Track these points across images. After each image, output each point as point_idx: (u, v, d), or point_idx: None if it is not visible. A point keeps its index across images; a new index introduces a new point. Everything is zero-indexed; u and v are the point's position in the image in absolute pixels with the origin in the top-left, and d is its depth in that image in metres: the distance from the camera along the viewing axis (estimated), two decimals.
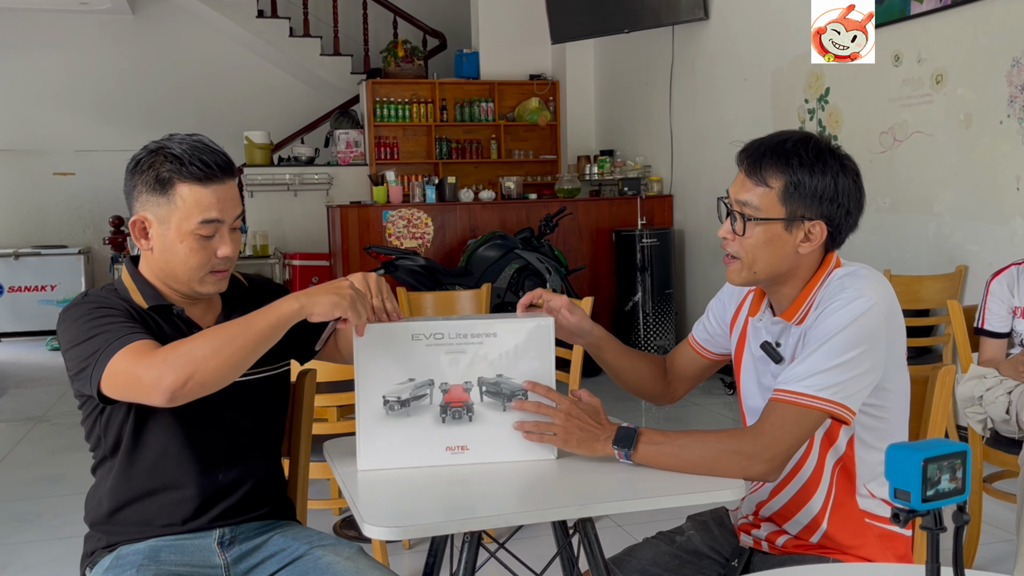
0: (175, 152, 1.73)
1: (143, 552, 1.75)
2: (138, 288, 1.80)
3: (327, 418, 2.93)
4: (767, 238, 1.67)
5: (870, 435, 1.71)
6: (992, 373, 3.03)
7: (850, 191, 1.67)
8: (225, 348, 1.58)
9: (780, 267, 1.70)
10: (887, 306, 1.66)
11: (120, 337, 1.62)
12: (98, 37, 9.93)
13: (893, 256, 5.22)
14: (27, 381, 7.17)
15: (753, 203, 1.67)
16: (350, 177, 8.61)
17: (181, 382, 1.54)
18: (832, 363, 1.60)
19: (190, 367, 1.55)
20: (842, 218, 1.68)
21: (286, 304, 1.62)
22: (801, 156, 1.65)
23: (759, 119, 6.31)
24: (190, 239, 1.73)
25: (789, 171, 1.65)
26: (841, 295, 1.65)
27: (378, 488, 1.65)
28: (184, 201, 1.72)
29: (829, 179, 1.65)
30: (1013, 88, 4.45)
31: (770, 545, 1.83)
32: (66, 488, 4.33)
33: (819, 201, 1.65)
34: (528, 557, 2.18)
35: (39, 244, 9.61)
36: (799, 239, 1.68)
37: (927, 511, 1.03)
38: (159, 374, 1.55)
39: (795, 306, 1.72)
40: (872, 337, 1.62)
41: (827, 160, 1.66)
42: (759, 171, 1.67)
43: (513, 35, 8.91)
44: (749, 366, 1.87)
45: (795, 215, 1.66)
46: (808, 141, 1.67)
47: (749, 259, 1.70)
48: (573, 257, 7.26)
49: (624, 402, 5.91)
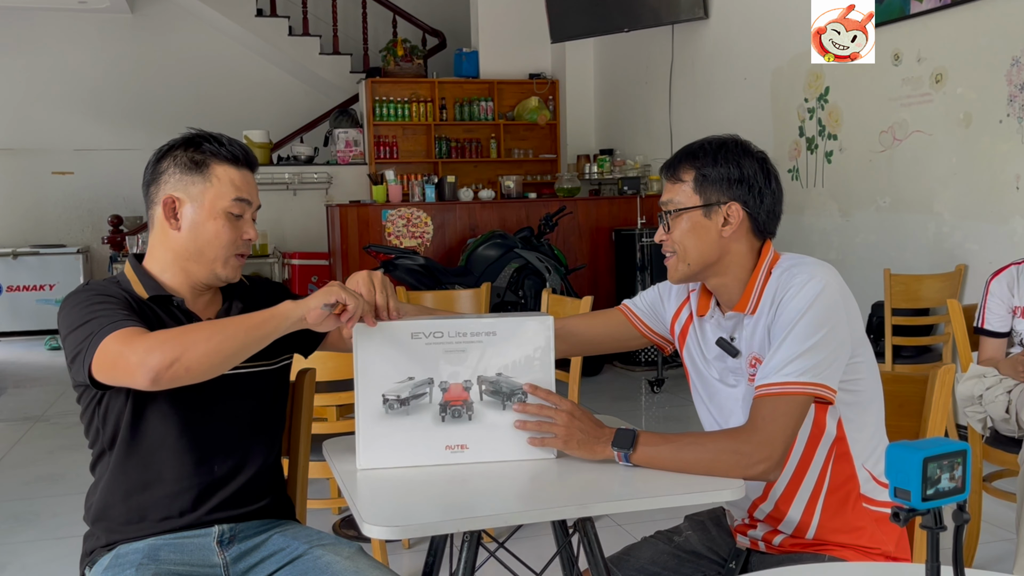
0: (212, 136, 1.84)
1: (142, 551, 1.75)
2: (140, 280, 1.83)
3: (326, 417, 2.93)
4: (690, 226, 1.80)
5: (851, 411, 1.75)
6: (992, 372, 3.03)
7: (756, 172, 1.80)
8: (216, 337, 1.61)
9: (710, 254, 1.79)
10: (838, 284, 1.73)
11: (114, 321, 1.65)
12: (97, 36, 9.92)
13: (893, 255, 5.22)
14: (26, 380, 7.17)
15: (675, 200, 1.82)
16: (349, 176, 8.61)
17: (167, 363, 1.57)
18: (804, 347, 1.65)
19: (178, 349, 1.58)
20: (755, 199, 1.79)
21: (286, 308, 1.67)
22: (706, 149, 1.82)
23: (759, 118, 6.31)
24: (222, 217, 1.80)
25: (697, 164, 1.81)
26: (793, 282, 1.72)
27: (377, 487, 1.65)
28: (220, 180, 1.81)
29: (733, 164, 1.79)
30: (1012, 87, 4.45)
31: (767, 545, 1.84)
32: (65, 488, 4.33)
33: (728, 184, 1.78)
34: (528, 556, 2.18)
35: (37, 243, 9.61)
36: (720, 223, 1.79)
37: (927, 510, 1.03)
38: (145, 354, 1.57)
39: (745, 296, 1.78)
40: (833, 314, 1.69)
41: (730, 148, 1.81)
42: (675, 172, 1.83)
43: (512, 34, 8.91)
44: (699, 370, 1.89)
45: (710, 201, 1.79)
46: (713, 138, 1.84)
47: (682, 251, 1.81)
48: (573, 256, 7.26)
49: (622, 402, 5.91)
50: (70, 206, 9.98)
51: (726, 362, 1.82)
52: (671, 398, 6.00)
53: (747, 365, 1.77)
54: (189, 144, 1.83)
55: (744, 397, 1.77)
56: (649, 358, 6.84)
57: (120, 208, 9.59)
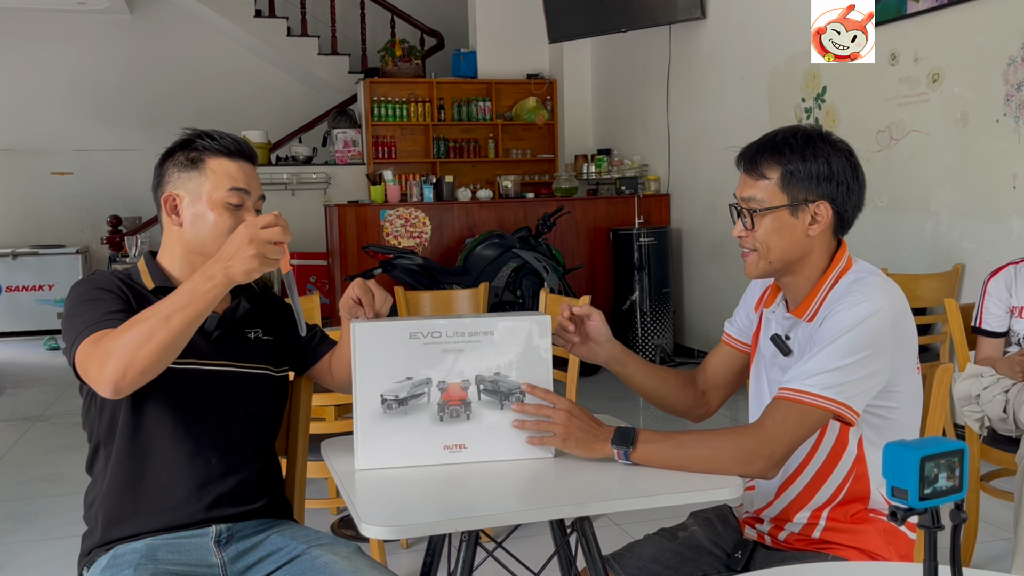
0: (205, 133, 1.88)
1: (140, 551, 1.75)
2: (149, 272, 1.88)
3: (325, 417, 2.93)
4: (776, 226, 1.74)
5: (880, 436, 1.72)
6: (989, 372, 3.04)
7: (844, 168, 1.74)
8: (158, 334, 1.59)
9: (793, 252, 1.75)
10: (895, 312, 1.68)
11: (93, 323, 1.68)
12: (96, 37, 9.91)
13: (890, 255, 5.23)
14: (25, 381, 7.17)
15: (757, 197, 1.75)
16: (348, 176, 8.61)
17: (120, 374, 1.59)
18: (837, 364, 1.63)
19: (126, 357, 1.59)
20: (844, 196, 1.74)
21: (205, 270, 1.63)
22: (791, 144, 1.73)
23: (756, 118, 6.31)
24: (220, 208, 1.83)
25: (783, 160, 1.73)
26: (848, 297, 1.68)
27: (376, 487, 1.65)
28: (214, 173, 1.85)
29: (822, 161, 1.72)
30: (1009, 86, 4.45)
31: (772, 539, 1.84)
32: (63, 488, 4.32)
33: (817, 182, 1.72)
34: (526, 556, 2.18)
35: (37, 244, 9.60)
36: (807, 222, 1.74)
37: (924, 509, 1.03)
38: (100, 368, 1.60)
39: (807, 302, 1.76)
40: (877, 341, 1.64)
41: (816, 144, 1.73)
42: (756, 167, 1.75)
43: (510, 34, 8.90)
44: (758, 358, 1.89)
45: (798, 199, 1.73)
46: (797, 131, 1.76)
47: (764, 249, 1.75)
48: (571, 256, 7.26)
49: (622, 401, 5.91)
50: (69, 206, 9.97)
51: (778, 358, 1.82)
52: None
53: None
54: (185, 144, 1.88)
55: None
56: (647, 358, 6.83)
57: (119, 208, 9.58)
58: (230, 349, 1.87)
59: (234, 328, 1.89)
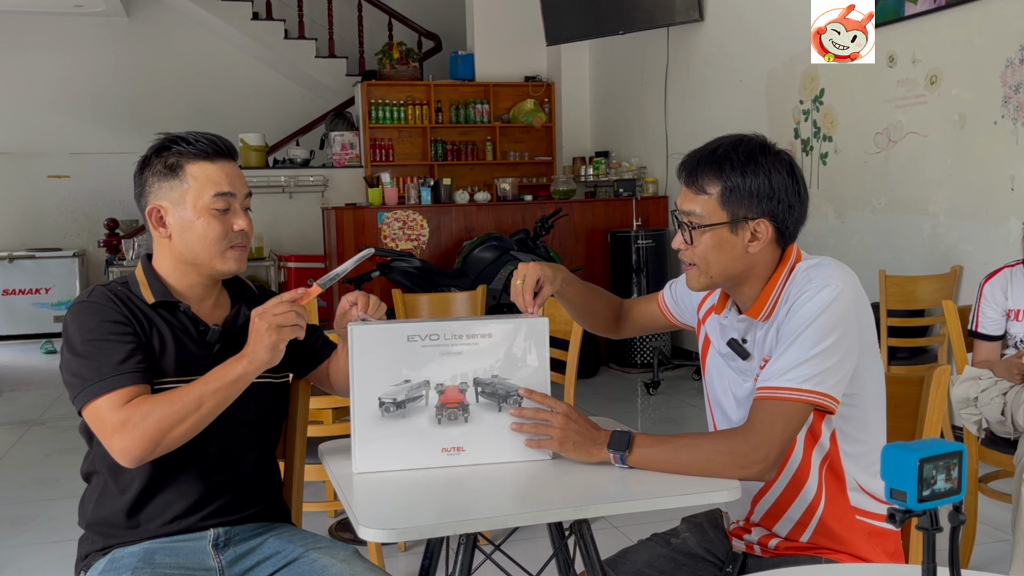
0: (179, 138, 1.81)
1: (137, 555, 1.74)
2: (148, 283, 1.83)
3: (322, 420, 2.93)
4: (716, 243, 1.71)
5: (850, 426, 1.72)
6: (987, 374, 3.04)
7: (786, 185, 1.71)
8: (190, 417, 1.66)
9: (734, 268, 1.73)
10: (854, 292, 1.68)
11: (103, 378, 1.67)
12: (93, 40, 9.91)
13: (888, 256, 5.23)
14: (22, 384, 7.16)
15: (697, 211, 1.72)
16: (345, 179, 8.61)
17: (147, 450, 1.65)
18: (810, 354, 1.63)
19: (155, 436, 1.64)
20: (784, 212, 1.71)
21: (234, 369, 1.69)
22: (732, 160, 1.70)
23: (754, 120, 6.31)
24: (206, 215, 1.79)
25: (723, 176, 1.70)
26: (809, 286, 1.68)
27: (373, 490, 1.65)
28: (196, 179, 1.79)
29: (763, 177, 1.69)
30: (1007, 88, 4.46)
31: (763, 548, 1.83)
32: (60, 491, 4.32)
33: (757, 200, 1.69)
34: (524, 559, 2.18)
35: (34, 247, 9.60)
36: (746, 239, 1.71)
37: (923, 511, 1.03)
38: (122, 438, 1.64)
39: (759, 303, 1.75)
40: (844, 322, 1.65)
41: (758, 159, 1.70)
42: (697, 180, 1.72)
43: (508, 37, 8.91)
44: (715, 362, 1.88)
45: (737, 217, 1.70)
46: (739, 144, 1.72)
47: (704, 264, 1.73)
48: (569, 258, 7.26)
49: (619, 403, 5.91)
50: (66, 210, 9.97)
51: (736, 362, 1.81)
52: (667, 400, 6.00)
53: (758, 367, 1.75)
54: (161, 150, 1.82)
55: (750, 395, 1.75)
56: (645, 360, 6.84)
57: (116, 212, 9.58)
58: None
59: (235, 338, 1.85)
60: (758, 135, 1.76)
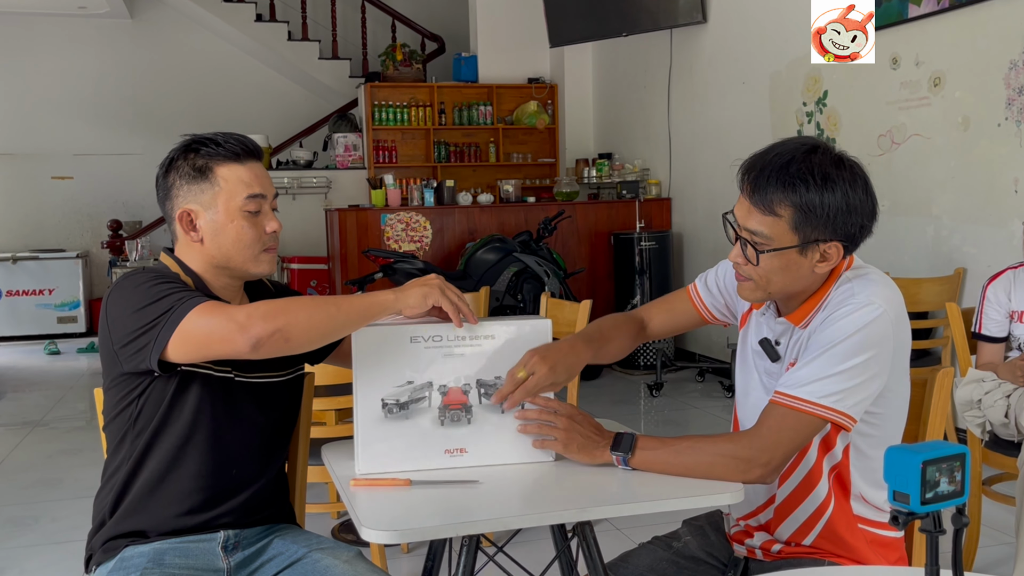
0: (207, 139, 1.78)
1: (147, 555, 1.74)
2: (184, 272, 1.80)
3: (325, 422, 2.93)
4: (782, 265, 1.63)
5: (865, 442, 1.70)
6: (990, 377, 3.03)
7: (862, 203, 1.61)
8: (317, 314, 1.63)
9: (796, 286, 1.68)
10: (895, 313, 1.63)
11: (193, 297, 1.64)
12: (96, 41, 9.92)
13: (891, 258, 5.22)
14: (25, 385, 7.16)
15: (764, 233, 1.61)
16: (348, 180, 8.61)
17: (269, 332, 1.58)
18: (834, 370, 1.59)
19: (281, 320, 1.60)
20: (856, 232, 1.63)
21: (382, 295, 1.68)
22: (808, 181, 1.57)
23: (757, 122, 6.31)
24: (239, 217, 1.77)
25: (797, 198, 1.58)
26: (851, 301, 1.62)
27: (376, 491, 1.65)
28: (227, 181, 1.77)
29: (840, 197, 1.58)
30: (1011, 91, 4.45)
31: (764, 553, 1.83)
32: (64, 493, 4.31)
33: (832, 222, 1.59)
34: (527, 561, 2.18)
35: (37, 248, 9.60)
36: (815, 260, 1.63)
37: (926, 513, 1.02)
38: (247, 320, 1.58)
39: (803, 310, 1.70)
40: (879, 344, 1.60)
41: (834, 178, 1.58)
42: (766, 199, 1.60)
43: (511, 38, 8.91)
44: (745, 359, 1.87)
45: (808, 239, 1.60)
46: (812, 159, 1.59)
47: (763, 282, 1.66)
48: (572, 260, 7.26)
49: (622, 405, 5.91)
50: (69, 211, 9.97)
51: (765, 362, 1.78)
52: (670, 402, 5.99)
53: (785, 371, 1.71)
54: (188, 151, 1.79)
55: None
56: (648, 362, 6.84)
57: (119, 213, 9.59)
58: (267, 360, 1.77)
59: None
60: (828, 144, 1.65)
